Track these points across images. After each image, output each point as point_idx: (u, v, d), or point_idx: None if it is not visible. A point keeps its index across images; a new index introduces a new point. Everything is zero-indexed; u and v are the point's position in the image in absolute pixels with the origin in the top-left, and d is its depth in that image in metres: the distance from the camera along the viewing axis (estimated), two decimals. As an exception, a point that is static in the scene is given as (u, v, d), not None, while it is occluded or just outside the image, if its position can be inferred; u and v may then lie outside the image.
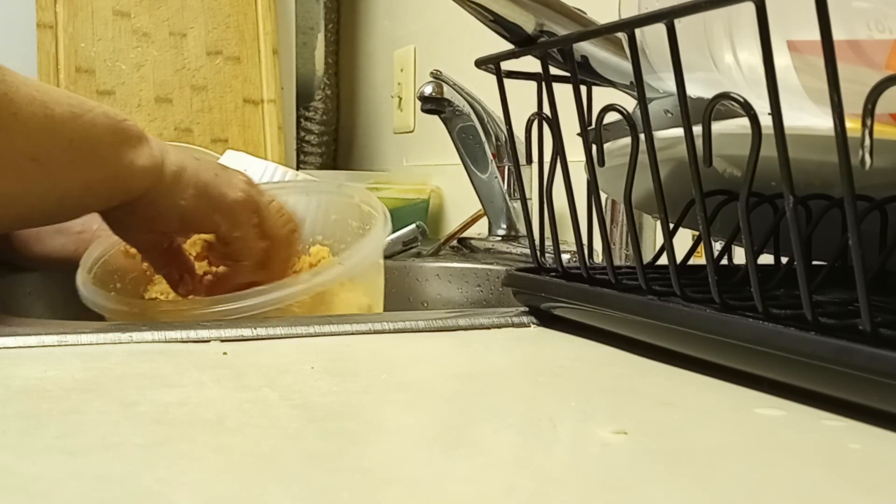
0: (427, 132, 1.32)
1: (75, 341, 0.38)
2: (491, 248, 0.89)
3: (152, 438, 0.25)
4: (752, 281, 0.32)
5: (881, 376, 0.27)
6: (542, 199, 0.45)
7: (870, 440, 0.26)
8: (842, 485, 0.23)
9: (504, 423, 0.28)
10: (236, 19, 1.31)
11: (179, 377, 0.32)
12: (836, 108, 0.28)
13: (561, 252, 0.45)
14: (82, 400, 0.29)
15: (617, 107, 0.38)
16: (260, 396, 0.30)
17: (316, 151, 1.58)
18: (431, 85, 0.89)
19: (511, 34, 0.47)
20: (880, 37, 0.32)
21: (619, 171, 0.40)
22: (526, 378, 0.35)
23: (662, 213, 0.37)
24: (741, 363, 0.33)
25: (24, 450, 0.24)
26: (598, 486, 0.22)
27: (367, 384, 0.33)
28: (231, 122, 1.29)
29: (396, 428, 0.27)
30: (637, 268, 0.38)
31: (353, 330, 0.42)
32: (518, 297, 0.47)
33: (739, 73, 0.38)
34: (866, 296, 0.28)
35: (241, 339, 0.40)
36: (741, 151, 0.34)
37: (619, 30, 0.38)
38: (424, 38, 1.35)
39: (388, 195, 1.17)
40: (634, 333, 0.39)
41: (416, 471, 0.23)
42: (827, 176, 0.37)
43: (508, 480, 0.23)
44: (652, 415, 0.29)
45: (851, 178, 0.28)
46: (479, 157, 0.92)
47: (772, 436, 0.27)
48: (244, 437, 0.26)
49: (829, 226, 0.37)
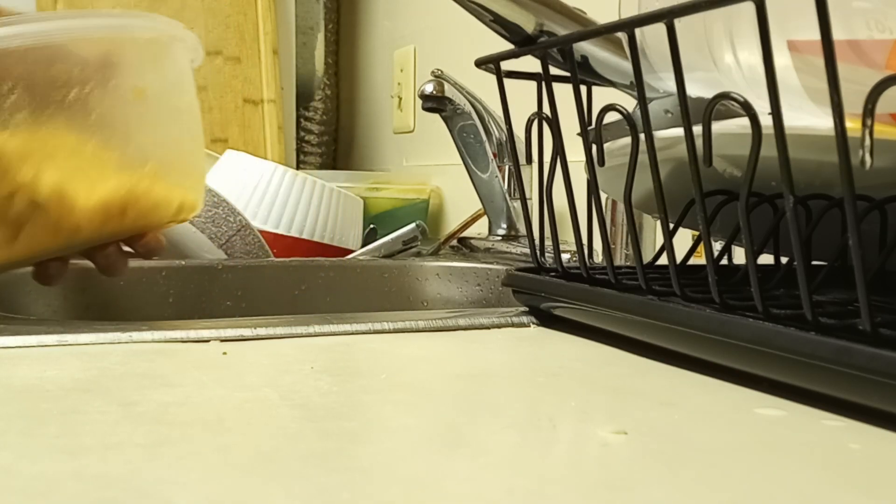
0: (427, 132, 1.32)
1: (75, 341, 0.38)
2: (491, 248, 0.89)
3: (152, 438, 0.25)
4: (752, 281, 0.32)
5: (881, 376, 0.27)
6: (542, 199, 0.45)
7: (870, 440, 0.26)
8: (842, 485, 0.23)
9: (504, 423, 0.28)
10: (236, 19, 1.31)
11: (179, 377, 0.32)
12: (836, 108, 0.28)
13: (561, 252, 0.45)
14: (82, 400, 0.29)
15: (617, 107, 0.38)
16: (260, 396, 0.30)
17: (316, 151, 1.58)
18: (433, 83, 0.89)
19: (511, 34, 0.47)
20: (880, 37, 0.32)
21: (619, 171, 0.40)
22: (526, 378, 0.35)
23: (662, 213, 0.37)
24: (741, 363, 0.33)
25: (24, 450, 0.24)
26: (598, 486, 0.22)
27: (367, 384, 0.33)
28: (231, 122, 1.29)
29: (396, 428, 0.27)
30: (637, 268, 0.38)
31: (353, 330, 0.42)
32: (518, 296, 0.47)
33: (739, 73, 0.38)
34: (866, 296, 0.28)
35: (241, 339, 0.40)
36: (741, 151, 0.34)
37: (619, 30, 0.38)
38: (424, 38, 1.35)
39: (388, 195, 1.17)
40: (634, 333, 0.39)
41: (416, 471, 0.23)
42: (827, 176, 0.37)
43: (508, 480, 0.23)
44: (652, 415, 0.29)
45: (851, 178, 0.28)
46: (479, 157, 0.92)
47: (772, 436, 0.27)
48: (244, 437, 0.26)
49: (829, 226, 0.37)
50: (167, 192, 0.48)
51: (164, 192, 0.47)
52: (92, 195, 0.44)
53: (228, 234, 0.79)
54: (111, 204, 0.44)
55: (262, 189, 0.91)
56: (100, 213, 0.44)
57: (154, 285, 0.70)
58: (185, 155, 0.49)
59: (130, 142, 0.46)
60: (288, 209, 0.91)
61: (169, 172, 0.47)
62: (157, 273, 0.70)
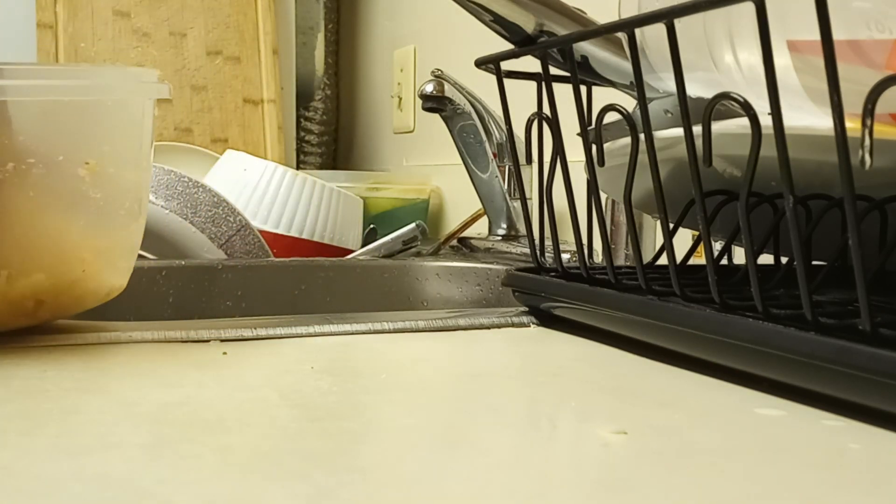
0: (427, 132, 1.32)
1: (75, 341, 0.38)
2: (491, 248, 0.89)
3: (152, 438, 0.25)
4: (752, 281, 0.32)
5: (881, 376, 0.27)
6: (542, 199, 0.45)
7: (870, 440, 0.26)
8: (842, 485, 0.23)
9: (504, 423, 0.28)
10: (236, 19, 1.31)
11: (179, 377, 0.32)
12: (836, 108, 0.28)
13: (561, 252, 0.45)
14: (82, 400, 0.29)
15: (617, 107, 0.38)
16: (260, 396, 0.30)
17: (316, 151, 1.58)
18: (433, 83, 0.89)
19: (511, 34, 0.47)
20: (880, 37, 0.32)
21: (619, 171, 0.40)
22: (526, 378, 0.35)
23: (662, 213, 0.37)
24: (741, 363, 0.33)
25: (24, 450, 0.24)
26: (598, 486, 0.22)
27: (367, 384, 0.33)
28: (231, 122, 1.29)
29: (396, 428, 0.27)
30: (637, 268, 0.38)
31: (353, 330, 0.42)
32: (518, 297, 0.47)
33: (739, 73, 0.38)
34: (866, 296, 0.28)
35: (241, 339, 0.40)
36: (741, 151, 0.34)
37: (619, 30, 0.38)
38: (424, 38, 1.35)
39: (388, 195, 1.17)
40: (634, 333, 0.39)
41: (416, 471, 0.23)
42: (827, 176, 0.37)
43: (508, 480, 0.23)
44: (652, 415, 0.29)
45: (851, 178, 0.28)
46: (479, 157, 0.92)
47: (772, 436, 0.27)
48: (244, 437, 0.26)
49: (829, 226, 0.37)
50: (102, 281, 0.40)
51: (98, 281, 0.39)
52: (9, 290, 0.36)
53: (228, 234, 0.79)
54: (24, 296, 0.37)
55: (262, 189, 0.91)
56: (12, 306, 0.37)
57: (154, 285, 0.70)
58: (131, 235, 0.41)
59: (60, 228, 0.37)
60: (288, 209, 0.91)
61: (111, 259, 0.40)
62: (157, 273, 0.70)
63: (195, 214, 0.79)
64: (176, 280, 0.71)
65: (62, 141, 0.37)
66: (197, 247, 0.76)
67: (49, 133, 0.37)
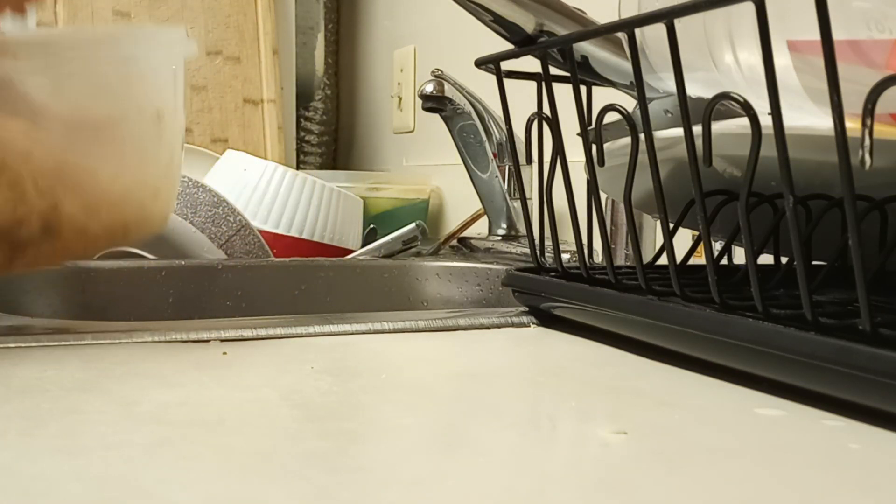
0: (427, 132, 1.32)
1: (75, 341, 0.38)
2: (491, 248, 0.89)
3: (152, 438, 0.25)
4: (752, 281, 0.32)
5: (881, 376, 0.27)
6: (542, 199, 0.45)
7: (870, 440, 0.26)
8: (842, 485, 0.23)
9: (504, 423, 0.28)
10: (236, 19, 1.31)
11: (179, 377, 0.32)
12: (836, 108, 0.28)
13: (561, 252, 0.45)
14: (82, 400, 0.29)
15: (617, 107, 0.38)
16: (260, 396, 0.30)
17: (316, 151, 1.58)
18: (433, 83, 0.89)
19: (511, 34, 0.47)
20: (880, 37, 0.32)
21: (619, 171, 0.40)
22: (526, 378, 0.35)
23: (662, 213, 0.37)
24: (741, 363, 0.33)
25: (24, 450, 0.24)
26: (598, 486, 0.22)
27: (367, 384, 0.33)
28: (231, 122, 1.29)
29: (396, 428, 0.27)
30: (637, 268, 0.38)
31: (352, 330, 0.42)
32: (518, 296, 0.47)
33: (739, 73, 0.38)
34: (866, 296, 0.28)
35: (241, 339, 0.40)
36: (741, 151, 0.34)
37: (619, 30, 0.38)
38: (424, 38, 1.35)
39: (388, 195, 1.17)
40: (634, 333, 0.39)
41: (415, 471, 0.23)
42: (827, 176, 0.37)
43: (508, 480, 0.23)
44: (652, 415, 0.29)
45: (851, 178, 0.28)
46: (479, 157, 0.92)
47: (772, 436, 0.27)
48: (244, 437, 0.26)
49: (829, 226, 0.37)
50: (160, 208, 0.47)
51: (158, 208, 0.47)
52: (101, 222, 0.43)
53: (228, 234, 0.79)
54: (116, 228, 0.43)
55: (262, 189, 0.91)
56: (105, 238, 0.43)
57: (154, 285, 0.70)
58: (175, 168, 0.49)
59: (146, 167, 0.45)
60: (288, 209, 0.91)
61: (168, 189, 0.47)
62: (157, 273, 0.70)
63: (195, 214, 0.79)
64: (176, 280, 0.71)
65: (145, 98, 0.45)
66: (197, 247, 0.76)
67: (137, 93, 0.45)
